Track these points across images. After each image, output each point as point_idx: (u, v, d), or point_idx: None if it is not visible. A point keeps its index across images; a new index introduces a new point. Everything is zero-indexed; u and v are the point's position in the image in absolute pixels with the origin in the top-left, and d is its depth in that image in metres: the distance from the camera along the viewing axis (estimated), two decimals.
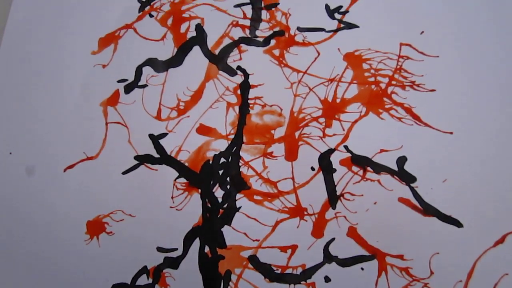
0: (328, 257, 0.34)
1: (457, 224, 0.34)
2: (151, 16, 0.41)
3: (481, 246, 0.33)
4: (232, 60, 0.39)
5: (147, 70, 0.39)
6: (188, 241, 0.35)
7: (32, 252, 0.36)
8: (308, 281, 0.34)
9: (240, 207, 0.35)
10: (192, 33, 0.40)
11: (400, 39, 0.38)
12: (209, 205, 0.35)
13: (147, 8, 0.41)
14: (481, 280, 0.33)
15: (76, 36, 0.40)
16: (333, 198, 0.35)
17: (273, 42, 0.39)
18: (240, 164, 0.36)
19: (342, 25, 0.39)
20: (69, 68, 0.39)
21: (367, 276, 0.33)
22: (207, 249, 0.35)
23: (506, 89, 0.36)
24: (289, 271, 0.34)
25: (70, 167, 0.37)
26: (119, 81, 0.39)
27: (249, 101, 0.37)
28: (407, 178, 0.35)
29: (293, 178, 0.35)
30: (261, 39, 0.39)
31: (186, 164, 0.36)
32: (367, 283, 0.33)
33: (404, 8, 0.39)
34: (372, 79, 0.38)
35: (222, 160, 0.36)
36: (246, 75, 0.38)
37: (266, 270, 0.34)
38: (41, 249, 0.36)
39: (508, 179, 0.34)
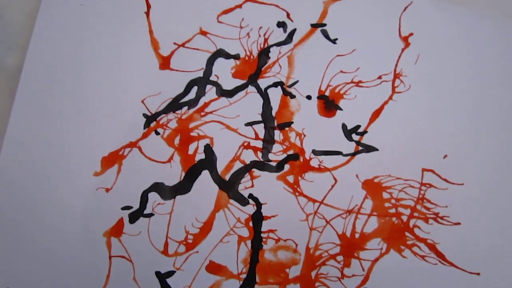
0: None
1: None
2: (157, 133, 0.38)
3: None
4: (244, 187, 0.36)
5: (153, 197, 0.37)
6: None
7: None
8: None
9: None
10: (200, 155, 0.37)
11: (422, 163, 0.36)
12: None
13: (152, 124, 0.38)
14: None
15: (76, 155, 0.38)
16: None
17: (287, 167, 0.37)
18: None
19: (360, 148, 0.37)
20: (69, 192, 0.37)
21: None
22: None
23: None
24: None
25: None
26: (123, 208, 0.36)
27: (262, 235, 0.35)
28: None
29: None
30: (274, 163, 0.37)
31: None
32: None
33: (425, 128, 0.37)
34: (393, 210, 0.35)
35: None
36: (258, 205, 0.36)
37: None
38: None
39: None
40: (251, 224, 0.36)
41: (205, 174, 0.37)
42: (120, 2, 0.41)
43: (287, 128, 0.38)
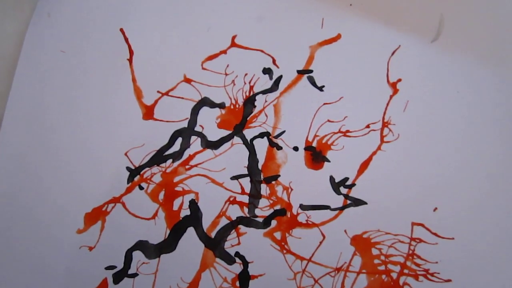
0: None
1: None
2: (141, 188, 0.37)
3: None
4: (230, 244, 0.36)
5: (138, 255, 0.36)
6: None
7: None
8: None
9: None
10: (186, 211, 0.37)
11: (412, 217, 0.35)
12: None
13: (136, 178, 0.38)
14: None
15: (58, 211, 0.37)
16: None
17: (274, 223, 0.36)
18: None
19: (348, 201, 0.36)
20: (51, 251, 0.36)
21: None
22: None
23: None
24: None
25: None
26: (107, 268, 0.36)
27: None
28: None
29: None
30: (260, 219, 0.36)
31: None
32: None
33: (415, 180, 0.36)
34: (383, 267, 0.35)
35: None
36: (245, 263, 0.35)
37: None
38: None
39: None
40: (238, 284, 0.35)
41: (191, 231, 0.36)
42: (102, 48, 0.40)
43: (273, 182, 0.37)
